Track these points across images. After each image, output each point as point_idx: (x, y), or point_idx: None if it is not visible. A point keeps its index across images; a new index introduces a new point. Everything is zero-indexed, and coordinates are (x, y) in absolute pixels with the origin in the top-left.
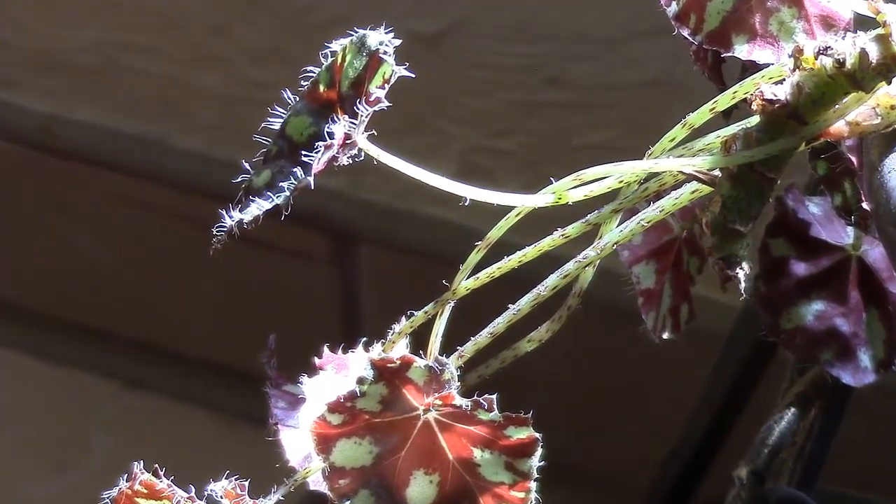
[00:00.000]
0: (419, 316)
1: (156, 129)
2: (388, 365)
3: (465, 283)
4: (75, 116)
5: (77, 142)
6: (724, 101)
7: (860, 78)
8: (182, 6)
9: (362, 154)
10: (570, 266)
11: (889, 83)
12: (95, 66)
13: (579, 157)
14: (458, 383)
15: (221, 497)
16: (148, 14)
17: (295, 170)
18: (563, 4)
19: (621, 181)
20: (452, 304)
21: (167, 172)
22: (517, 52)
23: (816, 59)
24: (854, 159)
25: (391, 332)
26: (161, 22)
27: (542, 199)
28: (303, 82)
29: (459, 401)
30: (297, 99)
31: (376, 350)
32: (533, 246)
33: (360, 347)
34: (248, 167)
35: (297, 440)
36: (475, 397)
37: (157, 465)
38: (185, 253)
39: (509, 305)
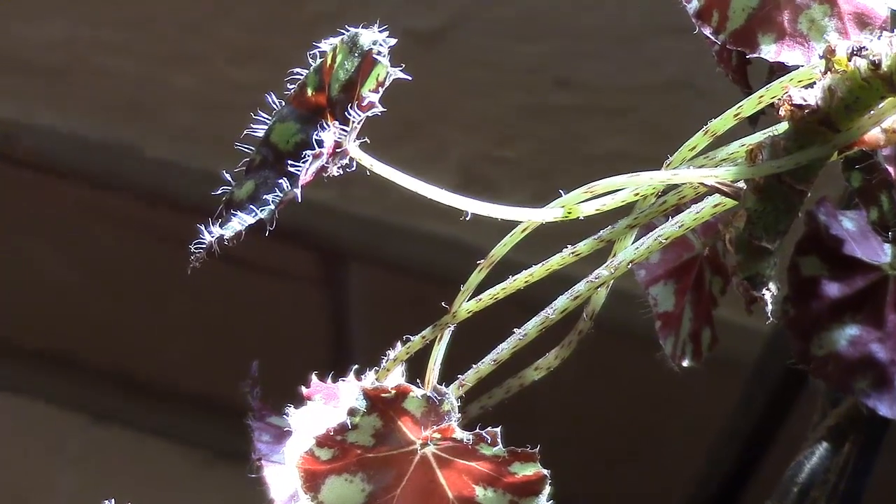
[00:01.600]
0: (416, 341)
1: (126, 136)
2: (383, 395)
3: (466, 306)
4: (36, 121)
5: (38, 149)
6: (749, 106)
7: None
8: (156, 0)
9: (354, 164)
10: (581, 287)
11: None
12: (59, 65)
13: (591, 167)
14: (459, 415)
15: None
16: (118, 8)
17: (280, 181)
18: None
19: (637, 194)
20: (452, 328)
21: (138, 183)
22: (523, 51)
23: (850, 60)
24: (891, 170)
25: (385, 358)
26: (132, 17)
27: (551, 213)
28: (289, 85)
29: (460, 434)
30: (283, 103)
31: (369, 378)
32: (540, 265)
33: (351, 375)
34: (229, 178)
35: (282, 477)
36: (477, 430)
37: None
38: (158, 272)
39: (515, 330)
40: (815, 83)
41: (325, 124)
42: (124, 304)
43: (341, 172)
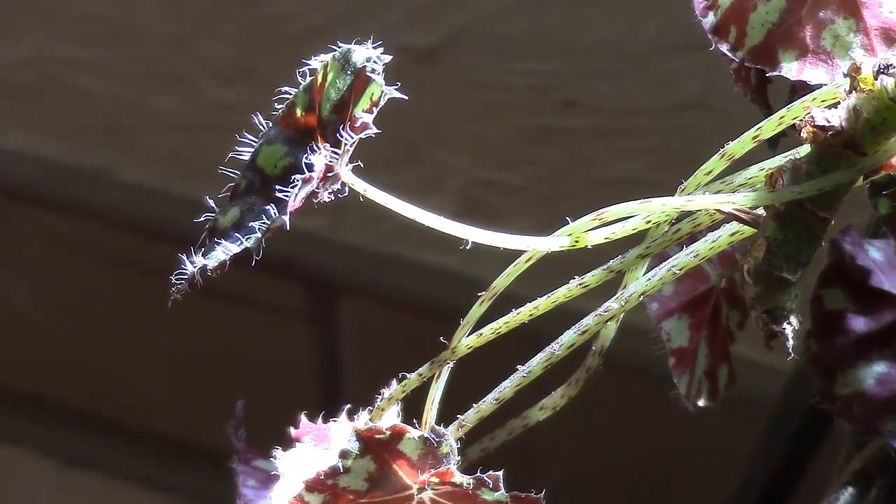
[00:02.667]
0: (412, 379)
1: (101, 159)
2: (377, 436)
3: (466, 341)
4: (4, 145)
5: (6, 174)
6: (769, 127)
7: None
8: (134, 15)
9: (346, 189)
10: (589, 320)
11: None
12: (29, 84)
13: (600, 193)
14: (459, 457)
15: None
16: (93, 24)
17: (267, 208)
18: (581, 14)
19: (649, 221)
20: (451, 364)
21: (114, 210)
22: (527, 70)
23: (876, 78)
24: None
25: (379, 397)
26: (109, 33)
27: (557, 241)
28: (276, 105)
29: (460, 478)
30: (270, 124)
31: (362, 419)
32: (546, 297)
33: (342, 415)
34: (213, 204)
35: None
36: (478, 474)
37: None
38: (135, 306)
39: (518, 367)
40: (839, 103)
41: (315, 147)
42: (98, 341)
43: (333, 198)
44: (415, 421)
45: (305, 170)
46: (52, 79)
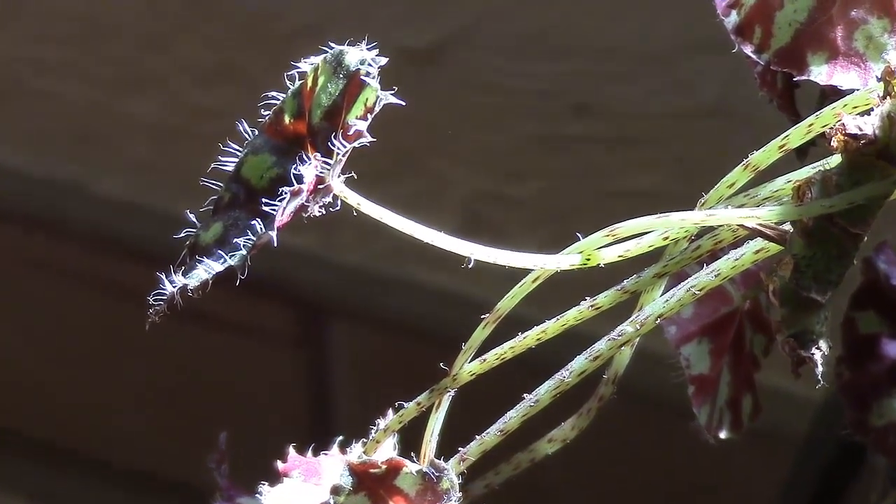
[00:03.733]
0: (410, 408)
1: (71, 171)
2: (372, 470)
3: (468, 367)
4: None
5: None
6: (796, 136)
7: None
8: (107, 11)
9: (338, 203)
10: (601, 345)
11: None
12: None
13: (613, 207)
14: (460, 494)
15: None
16: (63, 21)
17: (253, 222)
18: (593, 10)
19: (667, 238)
20: (453, 393)
21: (86, 226)
22: (535, 72)
23: None
24: None
25: (374, 428)
26: (80, 31)
27: (567, 260)
28: (263, 111)
29: None
30: (256, 132)
31: (355, 451)
32: (554, 320)
33: (334, 448)
34: (194, 219)
35: None
36: None
37: None
38: (108, 330)
39: (524, 395)
40: (872, 110)
41: (305, 156)
42: (68, 368)
43: (324, 213)
44: (412, 454)
45: (294, 181)
46: (15, 81)
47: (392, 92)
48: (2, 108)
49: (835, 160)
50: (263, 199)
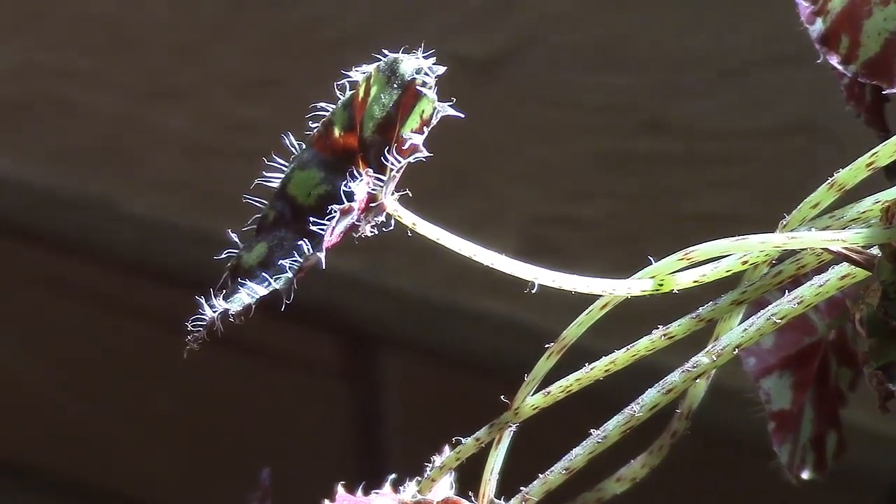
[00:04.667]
0: (468, 444)
1: (99, 188)
2: None
3: (531, 400)
4: None
5: None
6: (885, 153)
7: None
8: (139, 17)
9: (392, 222)
10: (675, 378)
11: None
12: (14, 99)
13: (688, 230)
14: None
15: None
16: (91, 27)
17: (300, 243)
18: (666, 19)
19: (745, 262)
20: (514, 428)
21: (115, 247)
22: (602, 84)
23: None
24: None
25: (430, 465)
26: (109, 39)
27: (639, 285)
28: (310, 123)
29: None
30: (303, 146)
31: (409, 490)
32: (624, 349)
33: (386, 486)
34: (236, 239)
35: None
36: None
37: None
38: (139, 360)
39: (591, 431)
40: None
41: (356, 172)
42: (96, 401)
43: (375, 233)
44: (471, 494)
45: (345, 199)
46: (37, 91)
47: (450, 104)
48: (23, 120)
49: None
50: (311, 218)
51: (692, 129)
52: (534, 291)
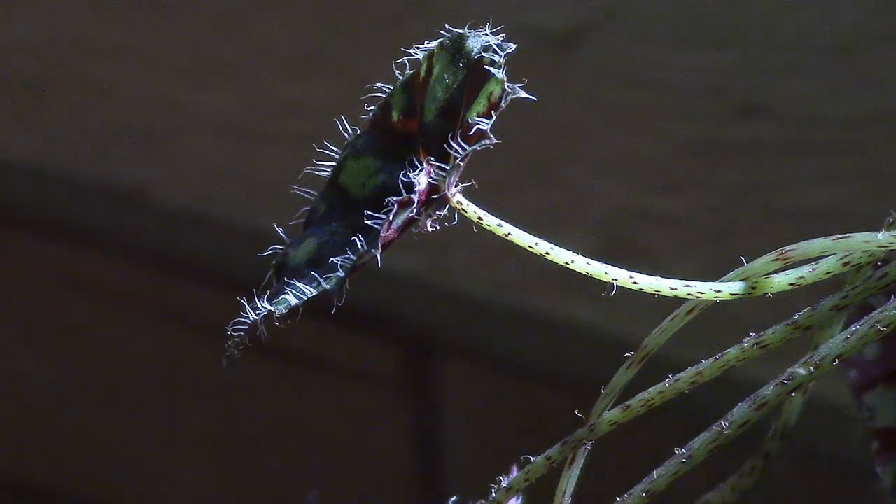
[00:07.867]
0: (538, 463)
1: (129, 176)
2: None
3: (608, 415)
4: (3, 155)
5: (6, 193)
6: None
7: None
8: None
9: (455, 216)
10: (768, 391)
11: None
12: (34, 77)
13: (784, 226)
14: None
15: None
16: None
17: (353, 239)
18: None
19: (847, 263)
20: (589, 446)
21: (146, 241)
22: (691, 64)
23: None
24: None
25: (496, 486)
26: (140, 11)
27: (729, 288)
28: (365, 106)
29: None
30: (357, 131)
31: None
32: (713, 359)
33: None
34: (283, 234)
35: None
36: None
37: None
38: (173, 366)
39: (676, 450)
40: None
41: (416, 161)
42: (123, 414)
43: (437, 228)
44: None
45: (403, 190)
46: (63, 70)
47: (521, 85)
48: (46, 101)
49: None
50: (366, 212)
51: (792, 115)
52: (612, 294)
